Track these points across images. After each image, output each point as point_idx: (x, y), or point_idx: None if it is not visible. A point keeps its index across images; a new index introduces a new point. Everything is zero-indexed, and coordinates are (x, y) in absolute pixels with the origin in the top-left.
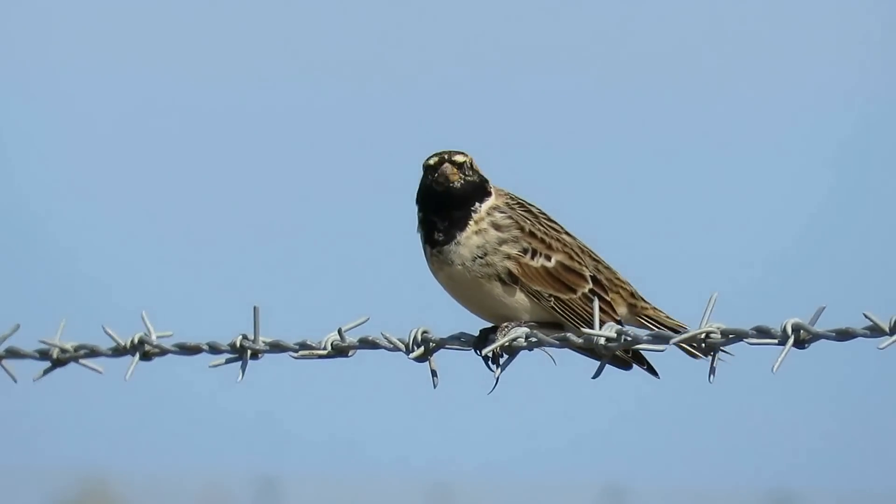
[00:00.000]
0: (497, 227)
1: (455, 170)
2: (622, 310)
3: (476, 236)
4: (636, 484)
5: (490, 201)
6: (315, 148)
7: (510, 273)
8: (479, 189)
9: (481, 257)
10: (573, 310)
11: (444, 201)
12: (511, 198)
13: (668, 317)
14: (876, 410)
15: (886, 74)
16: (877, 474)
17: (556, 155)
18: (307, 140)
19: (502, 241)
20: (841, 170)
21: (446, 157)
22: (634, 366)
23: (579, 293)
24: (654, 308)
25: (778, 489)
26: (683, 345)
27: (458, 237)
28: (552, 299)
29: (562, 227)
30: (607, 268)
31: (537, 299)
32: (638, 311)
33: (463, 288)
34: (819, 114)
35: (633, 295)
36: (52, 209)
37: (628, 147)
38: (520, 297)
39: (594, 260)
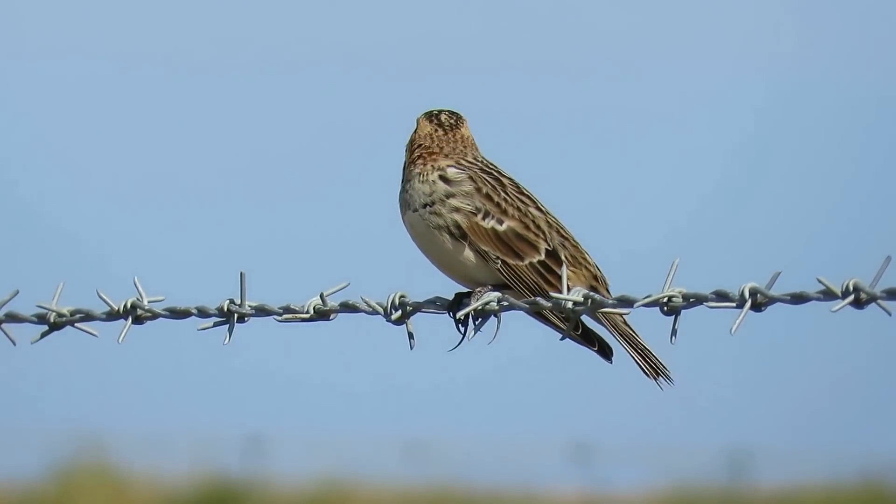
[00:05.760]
0: (446, 180)
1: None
2: (580, 287)
3: (421, 184)
4: (603, 439)
5: (440, 157)
6: (298, 117)
7: (458, 226)
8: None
9: (430, 205)
10: (519, 276)
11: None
12: (476, 161)
13: (623, 321)
14: (828, 370)
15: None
16: (830, 432)
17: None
18: (289, 109)
19: (450, 195)
20: (791, 142)
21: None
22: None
23: (527, 261)
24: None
25: (734, 445)
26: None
27: (408, 182)
28: (499, 262)
29: (533, 201)
30: (575, 246)
31: (485, 259)
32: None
33: (420, 237)
34: (759, 84)
35: (595, 278)
36: (47, 184)
37: (584, 119)
38: (469, 254)
39: (563, 237)
